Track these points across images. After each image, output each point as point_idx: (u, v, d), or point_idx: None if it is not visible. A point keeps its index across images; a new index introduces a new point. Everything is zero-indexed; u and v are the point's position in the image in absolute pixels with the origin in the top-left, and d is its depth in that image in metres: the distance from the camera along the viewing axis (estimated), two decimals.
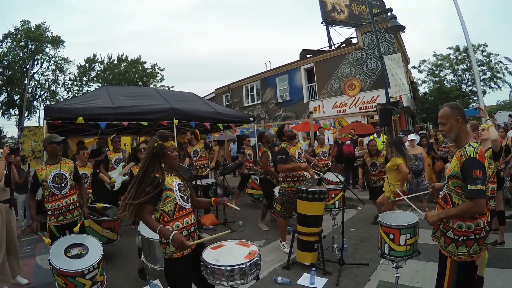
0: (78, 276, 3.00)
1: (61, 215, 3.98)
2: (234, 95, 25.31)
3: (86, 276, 3.04)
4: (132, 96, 8.27)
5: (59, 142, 4.06)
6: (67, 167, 4.13)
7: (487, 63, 26.43)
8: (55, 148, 4.04)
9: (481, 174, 2.23)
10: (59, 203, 3.97)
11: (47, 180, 3.92)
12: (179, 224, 2.65)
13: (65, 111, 6.44)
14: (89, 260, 3.20)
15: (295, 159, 5.12)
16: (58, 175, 4.01)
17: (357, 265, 4.58)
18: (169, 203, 2.65)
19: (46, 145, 4.06)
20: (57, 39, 28.90)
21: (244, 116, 10.54)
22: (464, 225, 2.34)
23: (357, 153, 10.17)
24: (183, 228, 2.66)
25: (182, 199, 2.73)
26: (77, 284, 3.01)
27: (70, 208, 4.05)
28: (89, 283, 3.06)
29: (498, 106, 35.54)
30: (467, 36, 9.34)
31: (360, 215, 7.57)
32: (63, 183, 4.02)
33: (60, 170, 4.03)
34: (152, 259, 3.93)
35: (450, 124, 2.47)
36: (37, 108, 29.88)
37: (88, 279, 3.05)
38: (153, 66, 34.38)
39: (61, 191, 3.99)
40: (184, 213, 2.71)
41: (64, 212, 4.00)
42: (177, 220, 2.66)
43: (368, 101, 16.79)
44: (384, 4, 22.93)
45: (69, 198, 4.06)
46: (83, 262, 3.17)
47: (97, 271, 3.14)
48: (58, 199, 3.97)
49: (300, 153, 5.28)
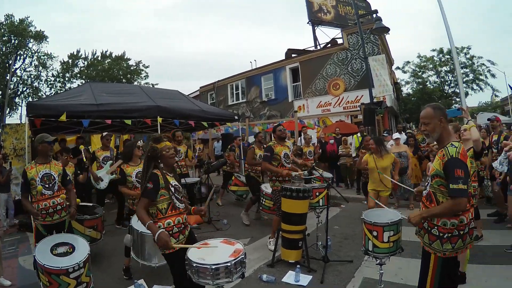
0: (62, 274, 2.95)
1: (48, 215, 3.90)
2: (219, 93, 25.21)
3: (71, 275, 2.99)
4: (116, 93, 8.16)
5: (50, 142, 4.00)
6: (56, 168, 4.08)
7: (470, 65, 26.96)
8: (46, 147, 3.99)
9: (463, 173, 2.27)
10: (46, 203, 3.89)
11: (36, 179, 3.85)
12: (170, 222, 2.77)
13: (47, 108, 6.31)
14: (75, 258, 3.16)
15: (280, 158, 5.18)
16: (47, 175, 3.95)
17: (341, 262, 4.63)
18: (164, 201, 2.78)
19: (37, 144, 4.01)
20: (40, 34, 28.26)
21: (229, 114, 10.51)
22: (449, 222, 2.38)
23: (341, 152, 10.28)
24: (173, 226, 2.76)
25: (176, 199, 2.84)
26: (61, 283, 2.96)
27: (57, 208, 3.98)
28: (74, 283, 3.01)
29: (480, 108, 36.27)
30: (451, 38, 9.51)
31: (344, 213, 7.65)
32: (51, 183, 3.96)
33: (50, 171, 3.98)
34: (143, 256, 3.93)
35: (434, 124, 2.51)
36: (19, 104, 29.20)
37: (72, 278, 3.00)
38: (137, 63, 33.96)
39: (48, 191, 3.92)
40: (177, 212, 2.83)
41: (51, 213, 3.92)
42: (169, 218, 2.78)
43: (352, 101, 16.93)
44: (370, 6, 23.11)
45: (57, 199, 3.98)
46: (68, 260, 3.12)
47: (82, 270, 3.09)
48: (46, 199, 3.90)
49: (287, 153, 5.32)
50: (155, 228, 2.62)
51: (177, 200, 2.86)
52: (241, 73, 23.55)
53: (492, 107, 33.36)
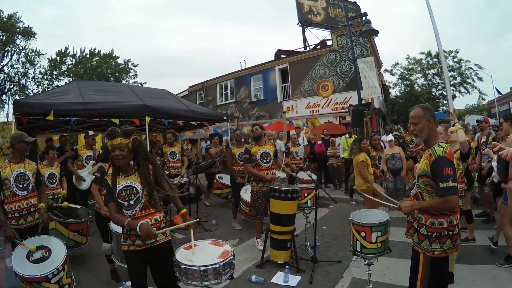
0: (43, 281, 2.92)
1: (22, 217, 3.78)
2: (208, 93, 25.13)
3: (51, 280, 2.97)
4: (104, 91, 8.07)
5: (29, 142, 3.88)
6: (30, 168, 3.95)
7: (458, 68, 27.39)
8: (24, 147, 3.85)
9: (452, 171, 2.29)
10: (19, 204, 3.77)
11: (10, 179, 3.72)
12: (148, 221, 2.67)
13: (34, 106, 6.21)
14: (52, 263, 3.11)
15: (256, 158, 5.26)
16: (21, 175, 3.81)
17: (330, 263, 4.64)
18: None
19: (15, 142, 3.83)
20: (28, 31, 27.75)
21: (218, 114, 10.49)
22: (436, 222, 2.40)
23: (329, 153, 10.33)
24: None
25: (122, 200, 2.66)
26: None
27: (31, 210, 3.87)
28: (56, 287, 2.99)
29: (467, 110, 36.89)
30: (439, 42, 9.63)
31: (332, 213, 7.67)
32: (26, 183, 3.84)
33: (25, 170, 3.85)
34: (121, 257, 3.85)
35: (422, 124, 2.53)
36: (5, 102, 28.61)
37: (54, 283, 2.98)
38: (126, 62, 33.61)
39: (22, 192, 3.81)
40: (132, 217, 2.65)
41: (24, 215, 3.80)
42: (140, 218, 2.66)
43: (341, 102, 17.05)
44: (359, 8, 23.36)
45: (30, 200, 3.87)
46: (47, 266, 3.07)
47: (62, 273, 3.06)
48: (19, 200, 3.78)
49: (266, 152, 5.35)
50: (134, 223, 2.52)
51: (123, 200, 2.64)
52: (230, 73, 23.52)
53: (479, 110, 33.94)
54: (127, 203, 2.64)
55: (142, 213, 2.66)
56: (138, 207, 2.66)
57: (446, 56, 25.55)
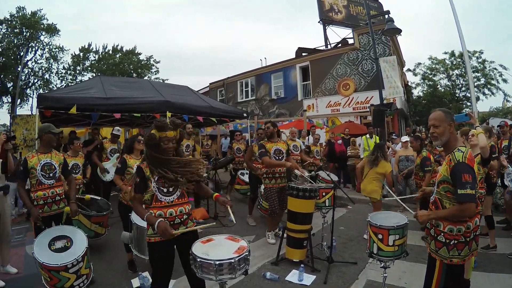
0: (61, 270, 2.99)
1: (46, 205, 3.89)
2: (228, 90, 25.23)
3: (70, 270, 3.02)
4: (126, 87, 8.23)
5: (56, 133, 4.00)
6: (57, 158, 4.06)
7: (482, 69, 26.54)
8: (51, 138, 3.96)
9: (470, 178, 2.25)
10: (45, 193, 3.88)
11: (36, 168, 3.83)
12: (161, 213, 2.75)
13: (58, 100, 6.39)
14: (73, 253, 3.18)
15: (270, 154, 5.32)
16: (48, 165, 3.92)
17: (345, 264, 4.61)
18: (149, 193, 2.76)
19: (42, 133, 3.96)
20: (52, 28, 28.43)
21: (238, 111, 10.53)
22: (455, 229, 2.36)
23: (349, 153, 10.23)
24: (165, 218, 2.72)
25: (159, 191, 2.77)
26: (61, 278, 3.00)
27: (56, 199, 3.97)
28: (74, 277, 3.05)
29: (491, 113, 35.99)
30: (463, 42, 9.43)
31: (350, 214, 7.61)
32: (52, 173, 3.94)
33: (51, 160, 3.96)
34: (140, 249, 3.94)
35: (444, 128, 2.49)
36: (30, 96, 29.34)
37: (72, 273, 3.04)
38: (148, 58, 34.06)
39: (48, 181, 3.91)
40: (159, 205, 2.76)
41: (49, 203, 3.91)
42: (159, 209, 2.75)
43: (362, 101, 16.85)
44: (381, 6, 22.99)
45: (56, 189, 3.97)
46: (67, 256, 3.14)
47: (81, 264, 3.12)
48: (45, 189, 3.88)
49: (279, 149, 5.42)
50: (153, 218, 2.62)
51: (160, 192, 2.76)
52: (251, 71, 23.53)
53: (503, 113, 33.01)
54: (166, 190, 2.77)
55: (178, 201, 2.83)
56: (176, 194, 2.81)
57: (470, 56, 24.80)
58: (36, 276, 4.12)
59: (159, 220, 2.60)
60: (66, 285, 3.01)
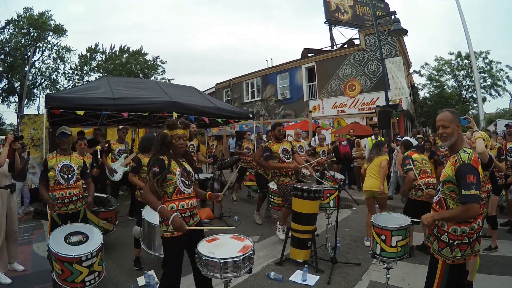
0: (75, 262, 3.03)
1: (64, 205, 3.98)
2: (234, 90, 25.30)
3: (83, 263, 3.07)
4: (133, 87, 8.30)
5: (61, 136, 4.08)
6: (77, 161, 4.18)
7: (488, 70, 26.33)
8: (59, 142, 4.10)
9: (475, 179, 2.26)
10: (63, 193, 3.97)
11: (55, 168, 3.95)
12: (173, 206, 2.86)
13: (65, 101, 6.45)
14: (88, 247, 3.24)
15: (278, 154, 5.44)
16: (67, 166, 4.05)
17: (349, 264, 4.64)
18: (170, 186, 2.86)
19: (55, 139, 4.17)
20: (59, 28, 28.63)
21: (244, 112, 10.57)
22: (459, 229, 2.38)
23: (355, 154, 10.23)
24: (176, 210, 2.84)
25: (183, 184, 2.93)
26: (73, 271, 3.03)
27: (73, 199, 4.06)
28: (86, 271, 3.09)
29: (498, 114, 35.62)
30: (470, 42, 9.43)
31: (355, 215, 7.63)
32: (70, 174, 4.05)
33: (70, 162, 4.09)
34: (154, 247, 3.99)
35: (452, 128, 2.50)
36: (37, 96, 29.60)
37: (85, 266, 3.08)
38: (155, 59, 34.23)
39: (66, 182, 4.02)
40: (182, 197, 2.91)
41: (67, 203, 4.00)
42: (173, 201, 2.87)
43: (368, 102, 16.82)
44: (388, 6, 22.92)
45: (73, 190, 4.06)
46: (82, 249, 3.20)
47: (95, 259, 3.17)
48: (63, 189, 3.98)
49: (286, 148, 5.54)
50: (167, 212, 2.75)
51: (184, 185, 2.94)
52: (257, 71, 23.57)
53: (510, 114, 32.69)
54: (188, 182, 2.99)
55: (192, 194, 3.04)
56: (192, 188, 3.05)
57: (477, 57, 24.64)
58: (43, 273, 4.22)
59: (174, 214, 2.73)
60: (77, 279, 3.05)
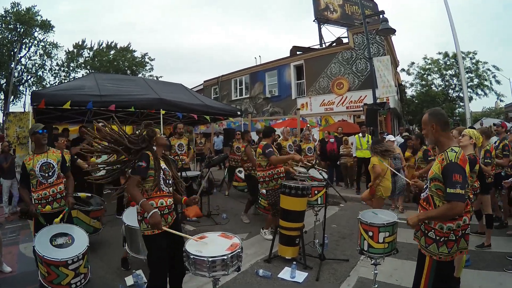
0: (61, 265, 3.00)
1: (48, 204, 3.89)
2: (222, 88, 25.20)
3: (70, 266, 3.04)
4: (120, 84, 8.21)
5: (41, 131, 3.98)
6: (55, 156, 4.06)
7: (475, 70, 26.71)
8: (38, 138, 3.96)
9: (461, 178, 2.29)
10: (45, 192, 3.89)
11: (35, 169, 3.85)
12: (153, 203, 2.88)
13: (51, 98, 6.35)
14: (74, 250, 3.20)
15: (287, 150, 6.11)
16: (46, 164, 3.93)
17: (337, 261, 4.67)
18: (150, 182, 2.90)
19: (30, 135, 4.08)
20: (46, 24, 28.22)
21: (232, 109, 10.56)
22: (445, 226, 2.41)
23: (342, 152, 10.30)
24: (155, 208, 2.85)
25: (163, 182, 2.99)
26: (59, 274, 3.01)
27: (57, 197, 3.97)
28: (72, 274, 3.06)
29: (484, 113, 36.24)
30: (457, 43, 9.56)
31: (343, 212, 7.68)
32: (50, 171, 3.95)
33: (48, 159, 3.96)
34: (134, 248, 3.93)
35: (427, 130, 2.61)
36: (22, 93, 29.20)
37: (71, 269, 3.05)
38: (143, 56, 33.94)
39: (47, 180, 3.92)
40: (161, 194, 2.96)
41: (51, 201, 3.91)
42: (153, 199, 2.90)
43: (356, 100, 16.90)
44: (377, 6, 23.10)
45: (56, 187, 3.97)
46: (68, 252, 3.16)
47: (81, 262, 3.14)
48: (45, 188, 3.89)
49: (291, 144, 6.30)
50: (149, 206, 2.79)
51: (164, 182, 2.99)
52: (245, 69, 23.48)
53: (496, 113, 33.25)
54: (168, 181, 3.09)
55: (171, 193, 3.12)
56: (171, 187, 3.15)
57: (464, 57, 24.97)
58: (30, 274, 4.15)
59: (154, 210, 2.76)
60: (63, 282, 3.02)
